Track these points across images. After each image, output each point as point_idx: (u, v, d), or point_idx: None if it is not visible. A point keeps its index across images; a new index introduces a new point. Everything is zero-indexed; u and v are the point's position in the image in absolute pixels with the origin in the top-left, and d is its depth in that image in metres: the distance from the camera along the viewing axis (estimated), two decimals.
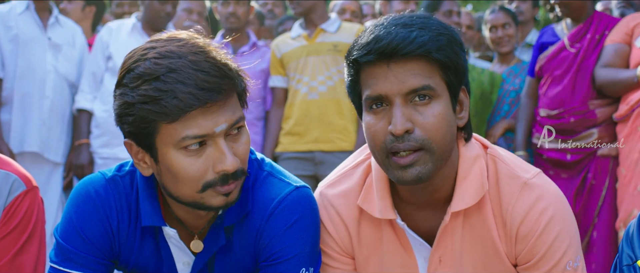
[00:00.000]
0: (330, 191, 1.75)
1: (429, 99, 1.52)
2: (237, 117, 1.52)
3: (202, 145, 1.50)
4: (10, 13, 3.91)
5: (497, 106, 4.07)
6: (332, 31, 4.02)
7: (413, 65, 1.50)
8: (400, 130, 1.49)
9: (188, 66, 1.45)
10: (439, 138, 1.52)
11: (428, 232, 1.68)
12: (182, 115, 1.44)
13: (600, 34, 3.57)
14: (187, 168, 1.50)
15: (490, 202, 1.63)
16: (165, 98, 1.43)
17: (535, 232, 1.58)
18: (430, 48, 1.49)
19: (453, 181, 1.63)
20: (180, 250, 1.69)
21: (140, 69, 1.47)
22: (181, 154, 1.49)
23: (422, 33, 1.50)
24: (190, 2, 4.54)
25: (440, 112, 1.52)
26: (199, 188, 1.52)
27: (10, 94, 3.86)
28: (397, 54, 1.49)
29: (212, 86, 1.45)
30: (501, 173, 1.63)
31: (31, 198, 1.73)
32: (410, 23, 1.52)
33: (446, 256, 1.66)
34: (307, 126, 3.93)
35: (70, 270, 1.65)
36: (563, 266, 1.58)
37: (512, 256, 1.64)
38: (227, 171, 1.50)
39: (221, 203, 1.55)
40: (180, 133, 1.47)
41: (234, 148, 1.53)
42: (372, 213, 1.67)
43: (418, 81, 1.50)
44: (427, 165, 1.52)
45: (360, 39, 1.56)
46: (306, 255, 1.66)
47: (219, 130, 1.49)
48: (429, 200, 1.64)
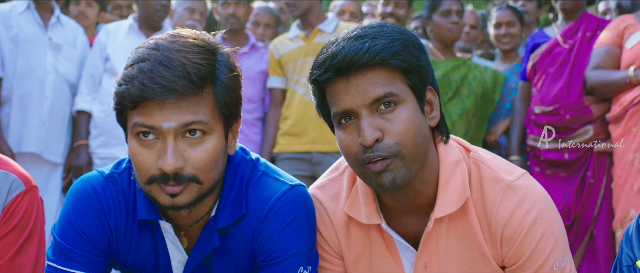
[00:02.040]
0: (321, 194, 1.77)
1: (394, 105, 1.53)
2: (193, 119, 1.51)
3: (155, 138, 1.52)
4: (11, 12, 3.91)
5: (500, 105, 4.08)
6: (329, 31, 4.02)
7: (372, 75, 1.52)
8: (369, 141, 1.51)
9: (157, 59, 1.49)
10: (409, 141, 1.53)
11: (414, 237, 1.70)
12: (137, 104, 1.49)
13: (591, 32, 3.63)
14: (137, 156, 1.53)
15: (475, 206, 1.64)
16: (128, 85, 1.49)
17: (519, 234, 1.59)
18: (385, 56, 1.51)
19: (434, 186, 1.64)
20: (175, 247, 1.70)
21: (133, 54, 1.54)
22: (135, 141, 1.53)
23: (374, 42, 1.52)
24: (193, 1, 4.54)
25: (406, 116, 1.53)
26: (146, 179, 1.54)
27: (10, 93, 3.86)
28: (353, 67, 1.51)
29: (165, 83, 1.47)
30: (484, 177, 1.64)
31: (30, 197, 1.73)
32: (362, 34, 1.55)
33: (431, 261, 1.67)
34: (304, 126, 3.93)
35: (68, 269, 1.65)
36: (549, 266, 1.59)
37: (499, 258, 1.65)
38: (164, 169, 1.50)
39: (167, 203, 1.55)
40: (134, 119, 1.51)
41: (187, 152, 1.52)
42: (359, 219, 1.68)
43: (379, 89, 1.52)
44: (400, 170, 1.53)
45: (318, 58, 1.58)
46: (304, 253, 1.67)
47: (167, 126, 1.50)
48: (413, 205, 1.65)
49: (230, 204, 1.65)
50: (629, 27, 3.44)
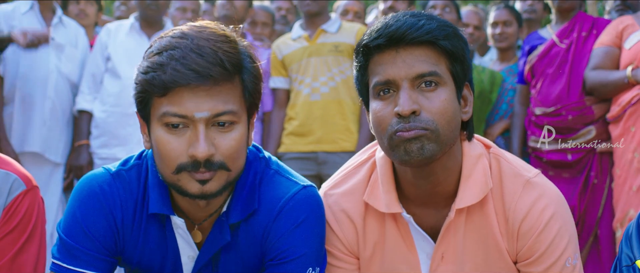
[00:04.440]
0: (335, 191, 1.77)
1: (436, 86, 1.57)
2: (224, 109, 1.52)
3: (184, 127, 1.52)
4: (14, 12, 3.92)
5: (496, 105, 4.07)
6: (332, 31, 4.02)
7: (421, 52, 1.56)
8: (407, 110, 1.53)
9: (188, 47, 1.49)
10: (445, 122, 1.56)
11: (430, 229, 1.71)
12: (168, 91, 1.48)
13: (586, 31, 3.64)
14: (165, 145, 1.53)
15: (493, 199, 1.66)
16: (158, 71, 1.48)
17: (536, 229, 1.62)
18: (437, 35, 1.55)
19: (456, 178, 1.66)
20: (186, 243, 1.69)
21: (157, 43, 1.54)
22: (163, 130, 1.53)
23: (429, 22, 1.57)
24: (184, 1, 4.51)
25: (446, 98, 1.57)
26: (174, 168, 1.53)
27: (12, 94, 3.87)
28: (405, 39, 1.55)
29: (200, 69, 1.48)
30: (504, 171, 1.67)
31: (31, 197, 1.73)
32: (417, 14, 1.60)
33: (449, 252, 1.69)
34: (309, 126, 3.94)
35: (74, 267, 1.64)
36: (562, 263, 1.62)
37: (513, 252, 1.67)
38: (196, 156, 1.51)
39: (197, 191, 1.55)
40: (164, 108, 1.51)
41: (217, 140, 1.53)
42: (378, 207, 1.69)
43: (425, 66, 1.56)
44: (431, 144, 1.55)
45: (370, 27, 1.62)
46: (313, 254, 1.67)
47: (199, 116, 1.50)
48: (432, 195, 1.67)
49: (242, 200, 1.65)
50: (627, 27, 3.46)
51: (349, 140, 3.91)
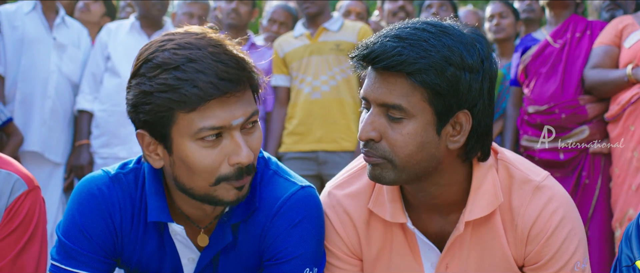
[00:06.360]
0: (340, 192, 1.75)
1: (400, 119, 1.49)
2: (252, 110, 1.53)
3: (218, 137, 1.50)
4: (16, 12, 3.93)
5: (497, 104, 4.06)
6: (334, 30, 4.01)
7: (393, 79, 1.48)
8: (363, 137, 1.52)
9: (208, 57, 1.46)
10: (404, 155, 1.50)
11: (435, 236, 1.69)
12: (201, 104, 1.45)
13: (580, 32, 3.64)
14: (203, 159, 1.50)
15: (501, 210, 1.63)
16: (185, 87, 1.44)
17: (546, 233, 1.59)
18: (406, 69, 1.45)
19: (457, 189, 1.62)
20: (185, 247, 1.70)
21: (158, 59, 1.47)
22: (197, 145, 1.49)
23: (406, 50, 1.45)
24: (191, 6, 4.44)
25: (409, 132, 1.49)
26: (213, 180, 1.52)
27: (13, 93, 3.87)
28: (378, 63, 1.47)
29: (231, 77, 1.46)
30: (515, 178, 1.63)
31: (33, 198, 1.74)
32: (404, 36, 1.47)
33: (453, 263, 1.67)
34: (310, 125, 3.92)
35: (72, 269, 1.65)
36: (571, 267, 1.60)
37: (521, 258, 1.64)
38: (242, 163, 1.50)
39: (233, 198, 1.55)
40: (198, 124, 1.47)
41: (248, 142, 1.53)
42: (383, 216, 1.67)
43: (391, 97, 1.48)
44: (389, 172, 1.53)
45: (364, 40, 1.56)
46: (310, 254, 1.67)
47: (236, 123, 1.50)
48: (434, 205, 1.65)
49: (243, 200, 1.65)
50: (627, 27, 3.46)
51: (349, 139, 3.89)
